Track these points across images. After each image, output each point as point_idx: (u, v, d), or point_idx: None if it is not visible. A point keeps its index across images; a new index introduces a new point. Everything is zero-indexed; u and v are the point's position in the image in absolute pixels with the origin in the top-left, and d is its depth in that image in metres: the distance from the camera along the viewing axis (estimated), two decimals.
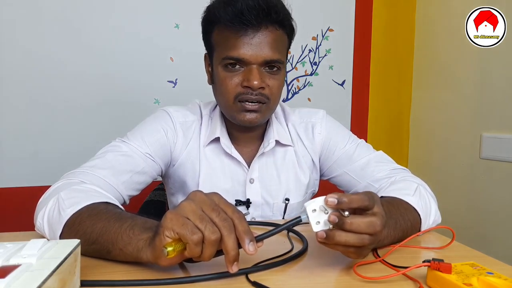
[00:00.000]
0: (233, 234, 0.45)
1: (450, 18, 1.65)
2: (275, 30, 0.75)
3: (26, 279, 0.33)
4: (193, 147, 0.84)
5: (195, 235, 0.43)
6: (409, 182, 0.74)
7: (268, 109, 0.79)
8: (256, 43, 0.73)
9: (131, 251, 0.50)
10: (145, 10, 1.52)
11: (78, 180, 0.67)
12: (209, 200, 0.46)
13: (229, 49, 0.74)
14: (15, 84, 1.43)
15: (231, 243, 0.44)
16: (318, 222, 0.48)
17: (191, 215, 0.45)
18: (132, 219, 0.54)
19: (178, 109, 0.87)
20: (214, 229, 0.44)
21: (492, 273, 0.45)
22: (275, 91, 0.78)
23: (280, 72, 0.78)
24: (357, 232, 0.47)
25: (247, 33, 0.72)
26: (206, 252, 0.45)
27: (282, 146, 0.88)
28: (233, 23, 0.72)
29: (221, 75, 0.77)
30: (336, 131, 0.91)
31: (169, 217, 0.45)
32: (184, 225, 0.44)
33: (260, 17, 0.71)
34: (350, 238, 0.47)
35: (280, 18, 0.74)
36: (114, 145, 0.78)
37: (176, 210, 0.46)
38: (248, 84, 0.74)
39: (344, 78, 1.79)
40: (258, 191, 0.86)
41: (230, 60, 0.74)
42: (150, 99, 1.56)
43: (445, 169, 1.69)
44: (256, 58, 0.73)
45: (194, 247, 0.44)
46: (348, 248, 0.48)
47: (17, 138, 1.44)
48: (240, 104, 0.76)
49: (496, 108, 1.47)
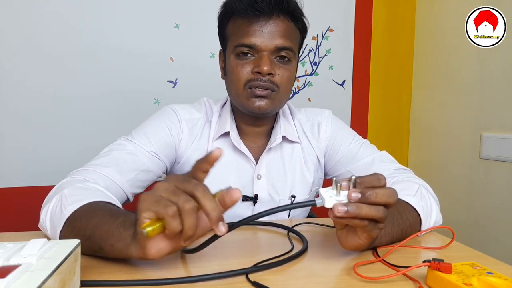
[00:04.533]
0: (208, 195, 0.43)
1: (450, 18, 1.65)
2: (287, 21, 0.78)
3: (26, 279, 0.33)
4: (200, 144, 0.85)
5: (168, 207, 0.42)
6: (410, 183, 0.74)
7: (277, 97, 0.80)
8: (267, 31, 0.76)
9: (120, 247, 0.49)
10: (145, 10, 1.52)
11: (82, 178, 0.67)
12: (181, 176, 0.46)
13: (241, 36, 0.77)
14: (15, 84, 1.43)
15: (208, 204, 0.43)
16: (331, 197, 0.48)
17: (164, 192, 0.44)
18: (125, 215, 0.53)
19: (184, 106, 0.88)
20: (187, 197, 0.43)
21: (492, 273, 0.45)
22: (285, 81, 0.79)
23: (291, 63, 0.80)
24: (380, 203, 0.48)
25: (259, 20, 0.76)
26: (186, 223, 0.42)
27: (290, 143, 0.89)
28: (247, 11, 0.75)
29: (233, 64, 0.79)
30: (341, 130, 0.92)
31: (143, 198, 0.44)
32: (157, 201, 0.43)
33: (273, 5, 0.75)
34: (371, 210, 0.47)
35: (291, 9, 0.77)
36: (119, 143, 0.78)
37: (150, 191, 0.46)
38: (258, 70, 0.76)
39: (344, 78, 1.80)
40: (265, 187, 0.86)
41: (242, 48, 0.77)
42: (150, 99, 1.56)
43: (445, 169, 1.69)
44: (267, 45, 0.76)
45: (172, 221, 0.42)
46: (364, 224, 0.49)
47: (17, 138, 1.44)
48: (250, 90, 0.78)
49: (496, 108, 1.47)
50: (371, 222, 0.49)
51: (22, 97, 1.44)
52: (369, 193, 0.47)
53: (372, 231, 0.51)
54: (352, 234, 0.53)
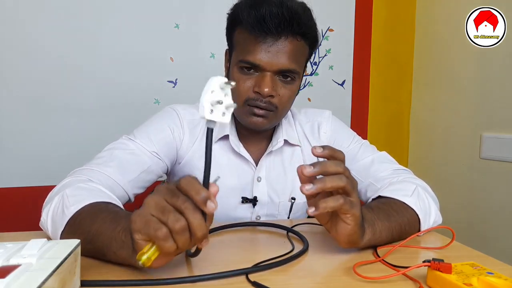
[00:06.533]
0: (196, 214, 0.42)
1: (450, 18, 1.65)
2: (295, 41, 0.74)
3: (26, 279, 0.33)
4: (201, 145, 0.85)
5: (158, 231, 0.41)
6: (407, 184, 0.74)
7: (275, 117, 0.79)
8: (273, 51, 0.73)
9: (124, 256, 0.49)
10: (145, 10, 1.52)
11: (85, 178, 0.67)
12: (171, 187, 0.44)
13: (246, 53, 0.74)
14: (15, 84, 1.42)
15: (195, 222, 0.42)
16: (212, 111, 0.43)
17: (154, 210, 0.43)
18: (126, 220, 0.52)
19: (186, 107, 0.88)
20: (177, 216, 0.42)
21: (492, 273, 0.45)
22: (284, 101, 0.78)
23: (294, 82, 0.78)
24: (332, 172, 0.50)
25: (266, 40, 0.72)
26: (179, 242, 0.42)
27: (290, 146, 0.89)
28: (254, 28, 0.71)
29: (235, 76, 0.77)
30: (341, 131, 0.92)
31: (133, 219, 0.44)
32: (147, 223, 0.42)
33: (282, 27, 0.71)
34: (331, 179, 0.50)
35: (302, 30, 0.73)
36: (121, 143, 0.78)
37: (140, 209, 0.45)
38: (258, 90, 0.74)
39: (344, 78, 1.79)
40: (265, 190, 0.86)
41: (245, 64, 0.75)
42: (150, 99, 1.56)
43: (445, 169, 1.69)
44: (271, 66, 0.73)
45: (164, 243, 0.42)
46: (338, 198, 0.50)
47: (17, 138, 1.44)
48: (249, 107, 0.77)
49: (496, 108, 1.47)
50: (345, 198, 0.51)
51: (22, 97, 1.44)
52: (319, 165, 0.50)
53: (351, 209, 0.52)
54: (339, 222, 0.54)
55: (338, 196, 0.51)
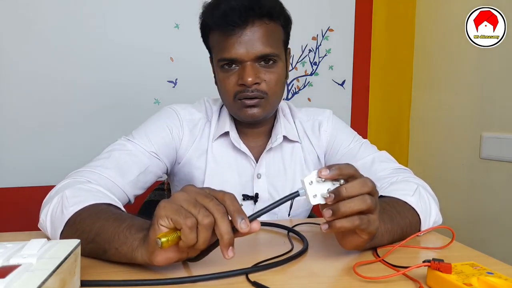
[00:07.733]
0: (226, 218, 0.44)
1: (450, 18, 1.65)
2: (264, 24, 0.75)
3: (26, 279, 0.33)
4: (200, 144, 0.85)
5: (188, 219, 0.43)
6: (409, 183, 0.74)
7: (267, 103, 0.79)
8: (245, 40, 0.74)
9: (126, 250, 0.49)
10: (146, 10, 1.52)
11: (84, 179, 0.67)
12: (201, 190, 0.47)
13: (222, 51, 0.76)
14: (15, 84, 1.43)
15: (224, 226, 0.44)
16: (315, 195, 0.49)
17: (185, 203, 0.45)
18: (131, 219, 0.53)
19: (185, 106, 0.88)
20: (207, 213, 0.44)
21: (492, 273, 0.45)
22: (272, 85, 0.78)
23: (277, 64, 0.78)
24: (355, 194, 0.48)
25: (234, 32, 0.73)
26: (201, 237, 0.44)
27: (290, 142, 0.89)
28: (220, 25, 0.74)
29: (220, 76, 0.79)
30: (341, 130, 0.92)
31: (162, 205, 0.45)
32: (177, 211, 0.44)
33: (244, 15, 0.72)
34: (353, 203, 0.48)
35: (266, 12, 0.74)
36: (119, 144, 0.78)
37: (169, 199, 0.46)
38: (243, 82, 0.75)
39: (344, 78, 1.80)
40: (265, 186, 0.86)
41: (224, 61, 0.77)
42: (150, 99, 1.56)
43: (445, 169, 1.69)
44: (247, 55, 0.74)
45: (189, 232, 0.43)
46: (355, 220, 0.48)
47: (17, 138, 1.44)
48: (240, 101, 0.78)
49: (496, 108, 1.47)
50: (363, 218, 0.49)
51: (22, 97, 1.44)
52: (340, 190, 0.48)
53: (369, 227, 0.50)
54: (351, 234, 0.53)
55: (355, 218, 0.49)
